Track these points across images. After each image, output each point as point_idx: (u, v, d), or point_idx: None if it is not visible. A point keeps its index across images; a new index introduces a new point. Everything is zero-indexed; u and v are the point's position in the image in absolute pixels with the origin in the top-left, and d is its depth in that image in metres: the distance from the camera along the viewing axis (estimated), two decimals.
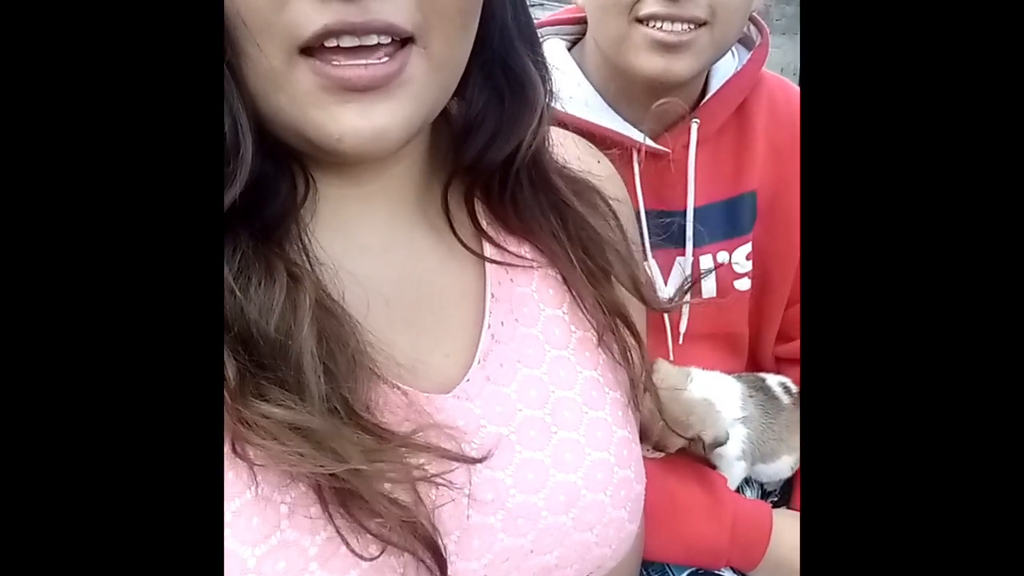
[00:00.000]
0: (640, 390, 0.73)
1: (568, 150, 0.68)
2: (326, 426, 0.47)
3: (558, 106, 0.64)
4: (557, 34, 1.04)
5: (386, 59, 0.48)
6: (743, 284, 1.06)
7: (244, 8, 0.45)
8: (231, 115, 0.47)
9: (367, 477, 0.47)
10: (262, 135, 0.50)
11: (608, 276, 0.65)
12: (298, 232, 0.54)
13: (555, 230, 0.63)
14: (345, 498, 0.48)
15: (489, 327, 0.59)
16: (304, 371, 0.48)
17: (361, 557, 0.48)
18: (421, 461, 0.50)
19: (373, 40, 0.47)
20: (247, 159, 0.48)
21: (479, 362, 0.58)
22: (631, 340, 0.66)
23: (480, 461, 0.53)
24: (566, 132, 0.70)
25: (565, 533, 0.57)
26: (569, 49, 1.04)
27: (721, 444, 1.00)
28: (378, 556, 0.49)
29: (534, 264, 0.63)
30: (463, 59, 0.53)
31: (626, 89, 0.97)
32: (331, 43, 0.46)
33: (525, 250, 0.64)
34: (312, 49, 0.47)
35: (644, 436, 0.98)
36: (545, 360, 0.61)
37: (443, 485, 0.51)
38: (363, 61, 0.47)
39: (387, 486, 0.49)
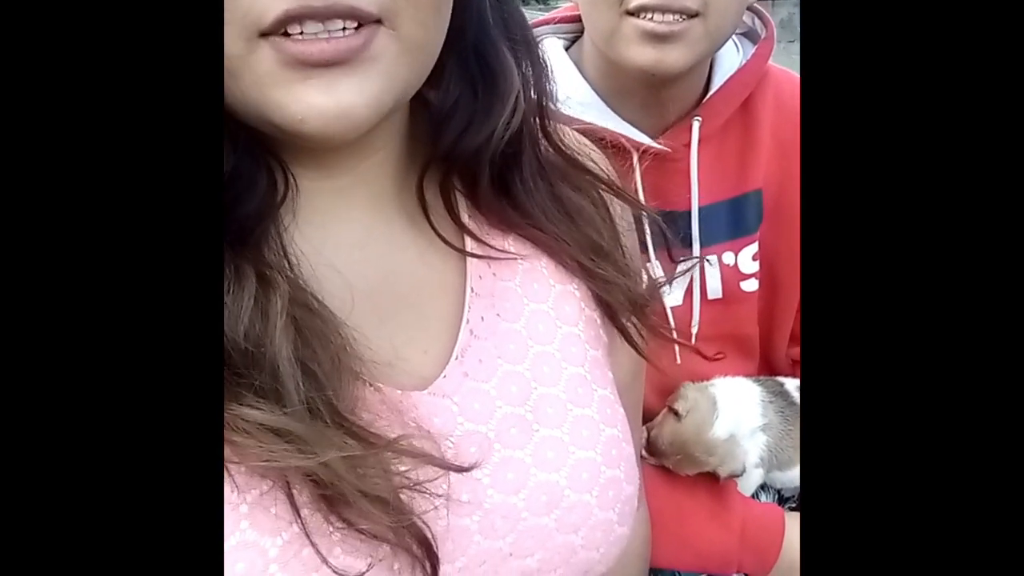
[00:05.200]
0: (642, 379, 0.71)
1: (565, 143, 0.67)
2: (305, 428, 0.46)
3: (556, 104, 0.63)
4: (554, 33, 1.03)
5: (351, 32, 0.45)
6: (750, 285, 1.04)
7: None
8: None
9: (349, 479, 0.46)
10: (235, 131, 0.49)
11: (615, 256, 0.64)
12: (276, 231, 0.52)
13: (557, 216, 0.62)
14: (323, 498, 0.47)
15: (468, 322, 0.58)
16: (281, 378, 0.47)
17: (325, 560, 0.47)
18: (404, 468, 0.49)
19: (338, 24, 0.45)
20: None
21: (457, 358, 0.56)
22: (636, 325, 0.65)
23: (468, 470, 0.52)
24: (563, 126, 0.69)
25: (547, 535, 0.55)
26: (567, 48, 1.02)
27: (737, 476, 0.98)
28: (343, 558, 0.48)
29: (517, 257, 0.62)
30: (437, 41, 0.52)
31: (624, 86, 0.95)
32: (294, 29, 0.45)
33: (509, 243, 0.62)
34: (272, 33, 0.45)
35: (656, 454, 0.97)
36: (528, 356, 0.59)
37: (427, 494, 0.50)
38: (325, 35, 0.45)
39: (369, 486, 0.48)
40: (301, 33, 0.45)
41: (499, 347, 0.58)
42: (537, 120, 0.61)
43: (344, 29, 0.45)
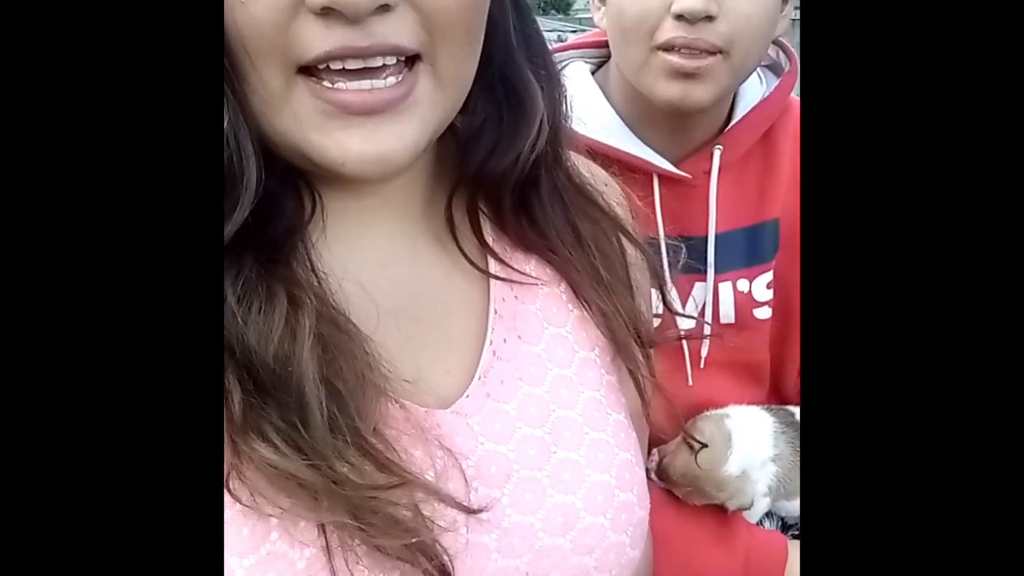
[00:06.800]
0: (648, 407, 0.72)
1: (577, 171, 0.68)
2: (318, 479, 0.46)
3: (579, 128, 0.64)
4: (581, 57, 1.04)
5: (393, 81, 0.47)
6: (763, 313, 1.05)
7: (246, 32, 0.45)
8: (234, 140, 0.47)
9: (366, 508, 0.47)
10: (267, 155, 0.50)
11: (619, 290, 0.65)
12: (304, 248, 0.53)
13: (570, 241, 0.63)
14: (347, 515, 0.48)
15: (491, 343, 0.59)
16: (306, 397, 0.47)
17: (350, 573, 0.48)
18: (420, 498, 0.50)
19: (378, 61, 0.47)
20: (251, 185, 0.47)
21: (479, 378, 0.57)
22: (640, 356, 0.65)
23: (478, 512, 0.53)
24: (577, 156, 0.70)
25: (562, 556, 0.56)
26: (593, 73, 1.04)
27: (745, 510, 0.99)
28: (367, 573, 0.49)
29: (539, 282, 0.63)
30: (470, 75, 0.53)
31: (648, 114, 0.96)
32: (336, 65, 0.46)
33: (531, 267, 0.63)
34: (310, 68, 0.46)
35: (667, 481, 0.98)
36: (547, 379, 0.60)
37: (442, 528, 0.51)
38: (368, 84, 0.47)
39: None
40: (342, 70, 0.46)
41: (520, 369, 0.59)
42: (553, 142, 0.62)
43: (384, 67, 0.47)
